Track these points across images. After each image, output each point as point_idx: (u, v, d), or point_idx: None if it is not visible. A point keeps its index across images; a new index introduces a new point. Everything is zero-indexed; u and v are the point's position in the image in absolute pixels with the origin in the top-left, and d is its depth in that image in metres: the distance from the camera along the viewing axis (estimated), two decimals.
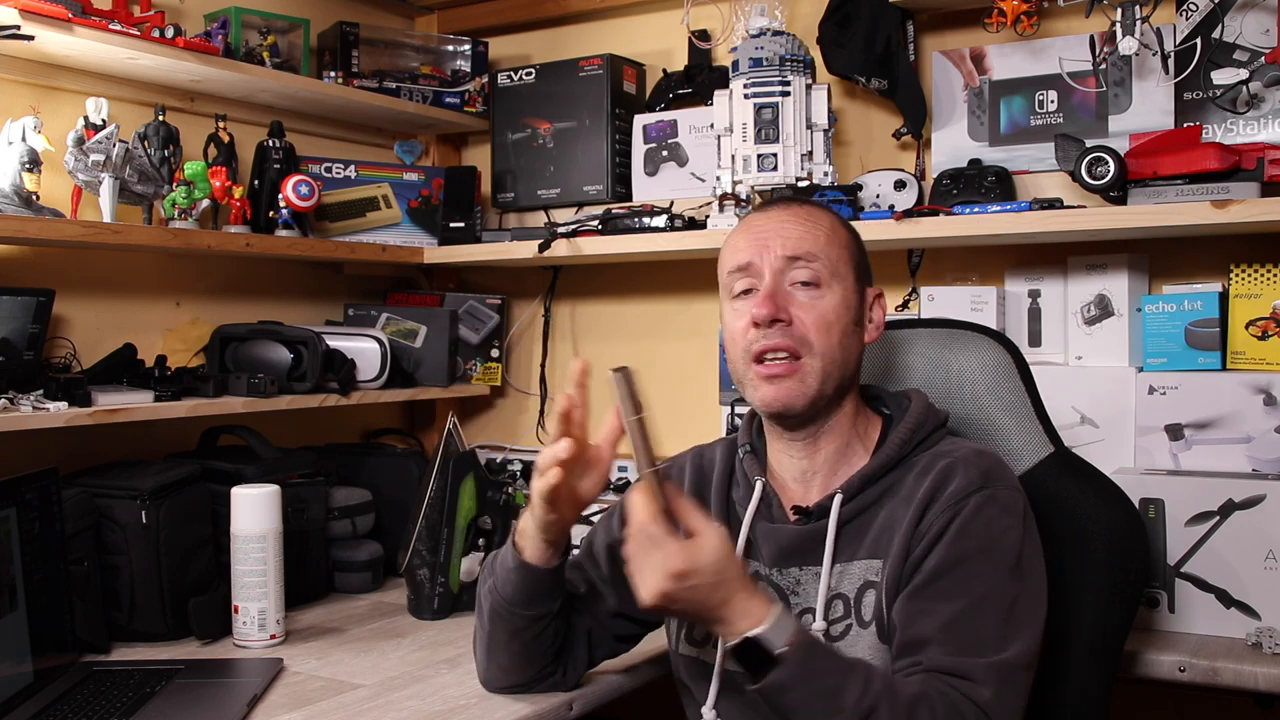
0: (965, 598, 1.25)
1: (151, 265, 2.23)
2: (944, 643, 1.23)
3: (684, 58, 2.48)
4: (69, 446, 1.97)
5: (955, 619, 1.24)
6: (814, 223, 1.40)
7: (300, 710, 1.50)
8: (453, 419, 2.04)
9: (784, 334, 1.35)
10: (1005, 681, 1.22)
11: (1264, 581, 1.65)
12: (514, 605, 1.41)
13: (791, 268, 1.37)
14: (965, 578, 1.26)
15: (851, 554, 1.35)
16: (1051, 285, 2.06)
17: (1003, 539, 1.29)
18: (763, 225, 1.41)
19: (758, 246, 1.39)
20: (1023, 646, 1.25)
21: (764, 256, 1.38)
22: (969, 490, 1.30)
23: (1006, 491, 1.33)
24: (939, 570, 1.27)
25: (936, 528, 1.29)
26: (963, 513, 1.29)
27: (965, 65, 2.18)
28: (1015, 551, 1.29)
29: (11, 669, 1.50)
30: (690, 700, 1.48)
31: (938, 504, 1.31)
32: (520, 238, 2.44)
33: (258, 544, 1.79)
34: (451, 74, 2.62)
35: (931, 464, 1.35)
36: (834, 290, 1.38)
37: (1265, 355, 1.81)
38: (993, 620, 1.24)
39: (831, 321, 1.37)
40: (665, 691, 1.62)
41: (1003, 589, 1.26)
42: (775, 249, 1.38)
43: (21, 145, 1.87)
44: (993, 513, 1.30)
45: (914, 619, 1.26)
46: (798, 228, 1.39)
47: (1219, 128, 1.94)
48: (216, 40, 2.13)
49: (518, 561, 1.40)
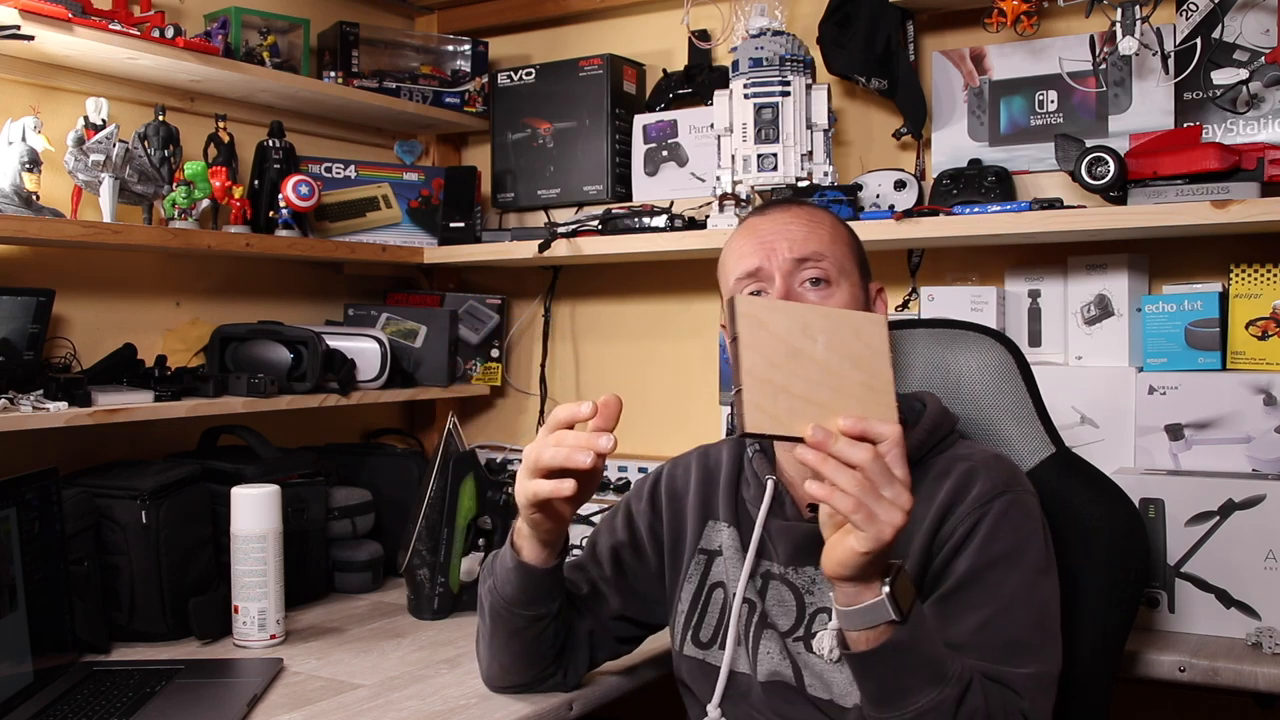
0: (996, 603, 1.25)
1: (151, 265, 2.23)
2: (979, 648, 1.23)
3: (684, 58, 2.48)
4: (69, 446, 1.97)
5: (987, 624, 1.24)
6: (816, 222, 1.41)
7: (300, 710, 1.50)
8: (453, 419, 2.04)
9: None
10: (1042, 693, 1.24)
11: (1264, 581, 1.65)
12: (513, 605, 1.41)
13: (800, 269, 1.37)
14: (995, 582, 1.26)
15: None
16: (1051, 285, 2.06)
17: (1029, 542, 1.30)
18: (767, 228, 1.40)
19: (764, 250, 1.38)
20: (1054, 652, 1.27)
21: (772, 260, 1.37)
22: (993, 494, 1.30)
23: (1028, 496, 1.34)
24: (969, 576, 1.27)
25: (961, 532, 1.29)
26: (988, 517, 1.29)
27: (965, 65, 2.18)
28: (1040, 553, 1.30)
29: (11, 669, 1.50)
30: (692, 702, 1.48)
31: (961, 508, 1.30)
32: (520, 238, 2.44)
33: (258, 544, 1.79)
34: (451, 74, 2.62)
35: (949, 467, 1.35)
36: (843, 287, 1.38)
37: (1265, 355, 1.81)
38: (1025, 624, 1.25)
39: None
40: (665, 692, 1.62)
41: (1032, 592, 1.27)
42: (783, 251, 1.37)
43: (21, 145, 1.87)
44: (1018, 517, 1.30)
45: (946, 624, 1.25)
46: (802, 228, 1.39)
47: (1219, 128, 1.94)
48: (216, 40, 2.13)
49: (516, 561, 1.40)
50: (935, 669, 1.15)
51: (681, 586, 1.49)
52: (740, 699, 1.40)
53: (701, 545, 1.49)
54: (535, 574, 1.39)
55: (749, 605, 1.41)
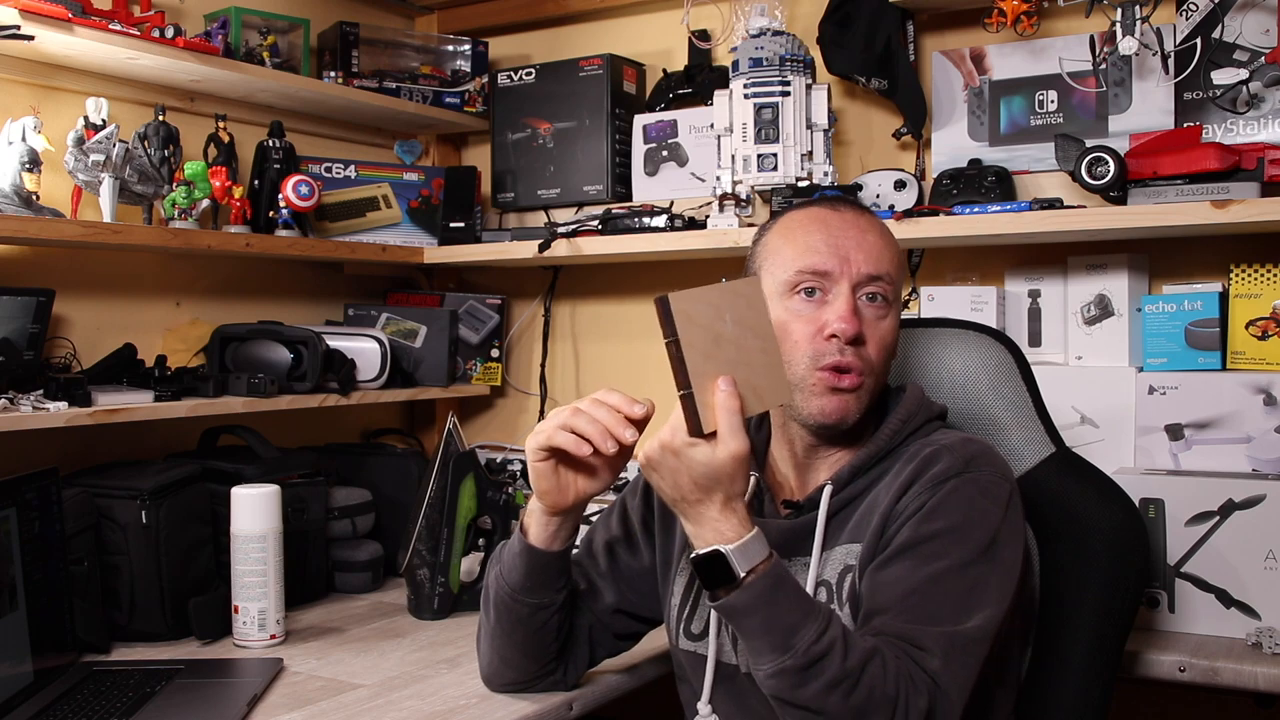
0: (927, 570, 1.24)
1: (151, 265, 2.23)
2: (900, 612, 1.22)
3: (684, 58, 2.48)
4: (69, 446, 1.97)
5: (913, 590, 1.23)
6: (889, 240, 1.39)
7: (300, 710, 1.50)
8: (453, 419, 2.04)
9: (858, 354, 1.34)
10: (955, 652, 1.21)
11: (1264, 581, 1.65)
12: (518, 592, 1.42)
13: (869, 284, 1.35)
14: (930, 553, 1.25)
15: (835, 541, 1.35)
16: (1051, 285, 2.06)
17: (977, 520, 1.27)
18: (842, 231, 1.37)
19: (839, 255, 1.35)
20: (979, 622, 1.23)
21: (845, 269, 1.34)
22: (949, 474, 1.29)
23: (990, 476, 1.31)
24: (906, 544, 1.26)
25: (913, 508, 1.28)
26: (939, 493, 1.28)
27: (965, 65, 2.18)
28: (989, 534, 1.27)
29: (11, 669, 1.50)
30: (689, 694, 1.48)
31: (916, 486, 1.29)
32: (520, 238, 2.44)
33: (258, 544, 1.79)
34: (451, 74, 2.62)
35: (919, 451, 1.34)
36: (894, 312, 1.38)
37: (1265, 355, 1.81)
38: (951, 595, 1.23)
39: (890, 344, 1.38)
40: (665, 691, 1.62)
41: (967, 567, 1.24)
42: (859, 264, 1.34)
43: (21, 145, 1.87)
44: (971, 493, 1.28)
45: (876, 590, 1.26)
46: (878, 242, 1.37)
47: (1219, 128, 1.94)
48: (216, 40, 2.13)
49: (523, 545, 1.40)
50: (782, 638, 1.17)
51: (674, 580, 1.50)
52: (730, 689, 1.40)
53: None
54: (542, 558, 1.40)
55: None
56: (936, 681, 1.18)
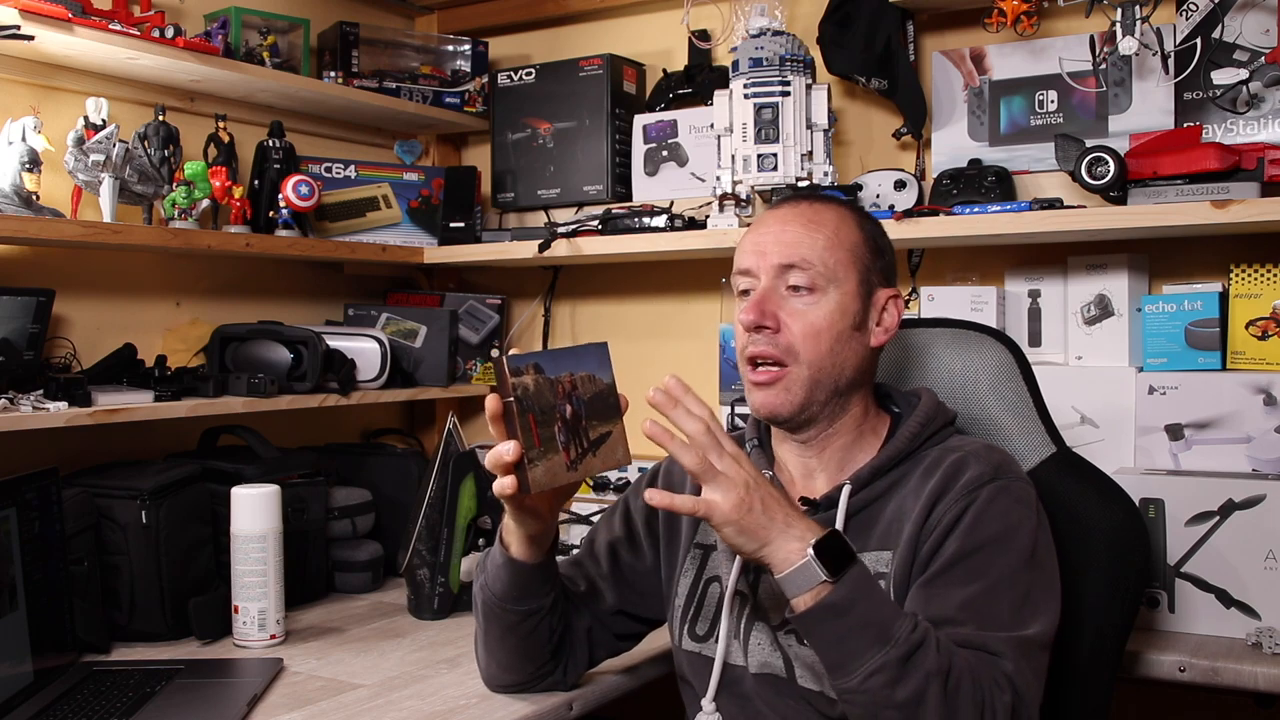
0: (982, 581, 1.25)
1: (151, 265, 2.23)
2: (963, 621, 1.23)
3: (684, 58, 2.49)
4: (69, 446, 1.97)
5: (972, 600, 1.24)
6: (817, 225, 1.39)
7: (300, 710, 1.50)
8: (453, 419, 2.04)
9: (770, 341, 1.36)
10: (1024, 657, 1.22)
11: (1264, 581, 1.65)
12: (504, 601, 1.42)
13: (786, 274, 1.37)
14: (982, 564, 1.26)
15: (861, 545, 1.35)
16: (1051, 285, 2.06)
17: (1018, 529, 1.29)
18: (766, 227, 1.41)
19: (758, 251, 1.39)
20: (1041, 628, 1.26)
21: (761, 262, 1.39)
22: (982, 481, 1.31)
23: (1019, 484, 1.34)
24: (956, 557, 1.27)
25: (950, 517, 1.29)
26: (976, 502, 1.29)
27: (965, 65, 2.18)
28: (1030, 542, 1.29)
29: (11, 669, 1.50)
30: (691, 696, 1.48)
31: (950, 495, 1.31)
32: (520, 238, 2.44)
33: (258, 544, 1.79)
34: (451, 74, 2.62)
35: (941, 458, 1.35)
36: (829, 296, 1.37)
37: (1265, 355, 1.81)
38: (1009, 604, 1.25)
39: (822, 329, 1.36)
40: (666, 691, 1.62)
41: (1018, 576, 1.26)
42: (771, 255, 1.38)
43: (21, 145, 1.87)
44: (1007, 503, 1.30)
45: (931, 602, 1.26)
46: (797, 231, 1.38)
47: (1219, 128, 1.94)
48: (216, 40, 2.13)
49: (505, 558, 1.40)
50: (880, 630, 1.16)
51: (678, 581, 1.50)
52: (735, 691, 1.40)
53: (698, 540, 1.50)
54: (523, 570, 1.40)
55: (741, 598, 1.41)
56: (1014, 683, 1.20)
